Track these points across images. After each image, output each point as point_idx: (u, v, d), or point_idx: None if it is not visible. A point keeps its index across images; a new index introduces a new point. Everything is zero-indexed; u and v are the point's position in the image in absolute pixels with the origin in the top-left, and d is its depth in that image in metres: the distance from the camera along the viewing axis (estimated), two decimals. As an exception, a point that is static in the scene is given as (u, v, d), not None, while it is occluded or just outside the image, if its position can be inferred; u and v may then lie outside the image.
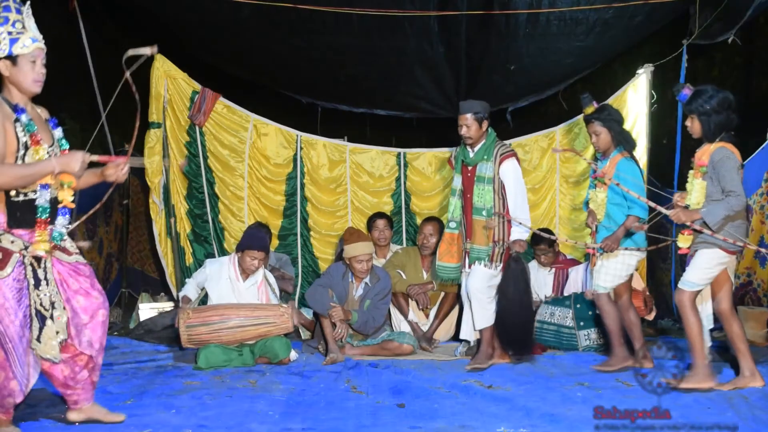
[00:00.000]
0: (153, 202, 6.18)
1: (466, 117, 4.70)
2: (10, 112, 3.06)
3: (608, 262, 4.55)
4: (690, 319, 4.00)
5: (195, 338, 4.76)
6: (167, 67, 6.08)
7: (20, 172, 3.00)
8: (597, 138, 4.57)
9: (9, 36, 3.05)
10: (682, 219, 3.96)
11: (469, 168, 4.79)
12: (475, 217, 4.74)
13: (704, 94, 3.98)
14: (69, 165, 3.09)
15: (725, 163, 3.87)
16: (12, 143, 3.03)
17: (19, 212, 3.06)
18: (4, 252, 3.02)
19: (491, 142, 4.75)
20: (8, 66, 3.07)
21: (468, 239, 4.81)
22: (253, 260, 5.04)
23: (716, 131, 3.96)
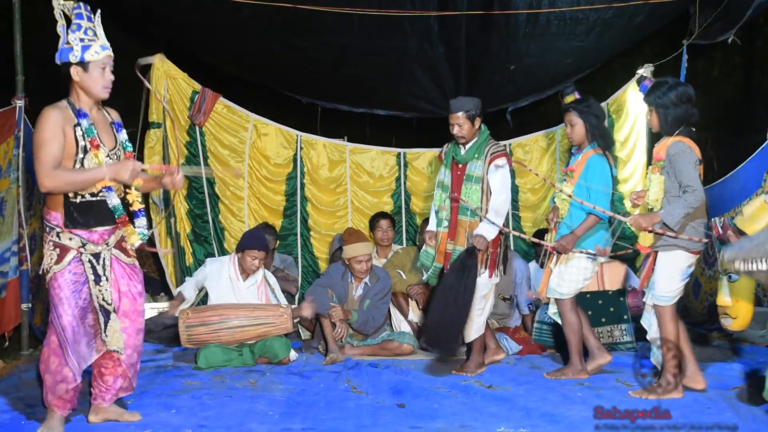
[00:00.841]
0: (153, 202, 6.18)
1: (457, 116, 4.51)
2: (72, 117, 3.21)
3: (564, 268, 4.37)
4: (670, 327, 3.86)
5: (194, 338, 4.76)
6: (167, 67, 6.08)
7: (72, 179, 3.17)
8: (572, 129, 4.38)
9: (81, 43, 3.21)
10: (642, 225, 3.86)
11: (459, 166, 4.61)
12: (460, 217, 4.54)
13: (662, 86, 3.88)
14: (119, 173, 3.22)
15: (681, 157, 3.75)
16: (70, 147, 3.17)
17: (76, 213, 3.23)
18: (62, 248, 3.21)
19: (483, 141, 4.57)
20: (79, 72, 3.22)
21: (451, 240, 4.59)
22: (254, 260, 5.04)
23: (673, 124, 3.85)
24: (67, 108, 3.23)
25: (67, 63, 3.21)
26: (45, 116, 3.16)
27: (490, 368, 4.63)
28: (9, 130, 4.85)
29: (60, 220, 3.22)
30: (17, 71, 4.83)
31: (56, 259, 3.20)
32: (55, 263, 3.20)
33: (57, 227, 3.22)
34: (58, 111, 3.19)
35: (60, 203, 3.22)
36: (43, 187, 3.13)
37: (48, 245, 3.23)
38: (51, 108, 3.20)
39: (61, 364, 3.21)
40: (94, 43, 3.23)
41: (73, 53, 3.19)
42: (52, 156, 3.11)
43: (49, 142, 3.11)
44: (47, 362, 3.23)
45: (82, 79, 3.23)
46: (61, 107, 3.22)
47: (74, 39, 3.21)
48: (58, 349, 3.20)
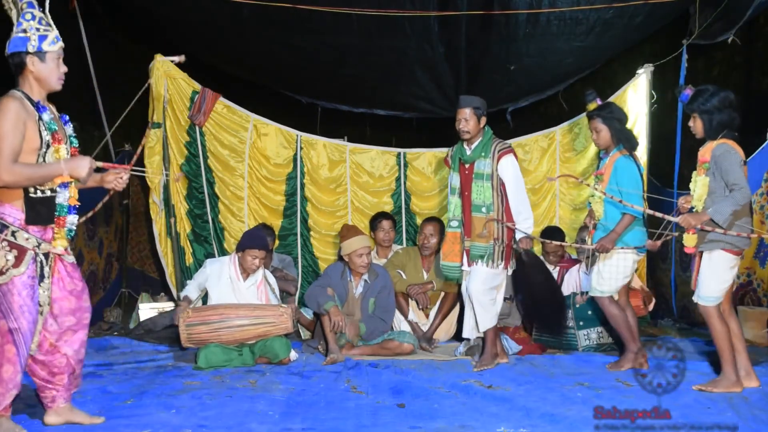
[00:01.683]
0: (153, 202, 6.18)
1: (465, 111, 4.71)
2: (33, 111, 3.11)
3: (604, 266, 4.53)
4: (717, 327, 3.97)
5: (195, 337, 4.76)
6: (167, 67, 6.08)
7: (31, 174, 3.06)
8: (597, 135, 4.59)
9: (37, 32, 3.11)
10: (691, 224, 3.94)
11: (467, 166, 4.78)
12: (474, 214, 4.73)
13: (705, 93, 3.99)
14: (76, 170, 3.15)
15: (727, 157, 3.87)
16: (34, 141, 3.09)
17: (38, 208, 3.12)
18: (20, 249, 3.08)
19: (488, 140, 4.75)
20: (36, 62, 3.13)
21: (468, 237, 4.79)
22: (254, 259, 5.04)
23: (718, 129, 3.97)
24: (24, 99, 3.09)
25: (22, 53, 3.09)
26: (4, 106, 3.02)
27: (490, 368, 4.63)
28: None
29: (19, 216, 3.08)
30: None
31: (14, 261, 3.05)
32: (13, 266, 3.04)
33: (13, 225, 3.06)
34: (17, 103, 3.05)
35: (18, 197, 3.08)
36: (1, 182, 2.98)
37: (1, 245, 3.04)
38: (9, 99, 3.06)
39: (16, 372, 3.09)
40: (50, 33, 3.15)
41: (30, 42, 3.10)
42: (12, 149, 2.99)
43: (10, 134, 2.98)
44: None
45: (38, 70, 3.12)
46: (19, 98, 3.08)
47: (30, 27, 3.10)
48: (14, 357, 3.07)
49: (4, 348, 3.08)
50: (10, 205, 3.09)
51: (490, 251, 4.69)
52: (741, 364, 4.01)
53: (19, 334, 3.08)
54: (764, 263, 5.65)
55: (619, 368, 4.56)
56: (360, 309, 5.28)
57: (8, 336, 3.07)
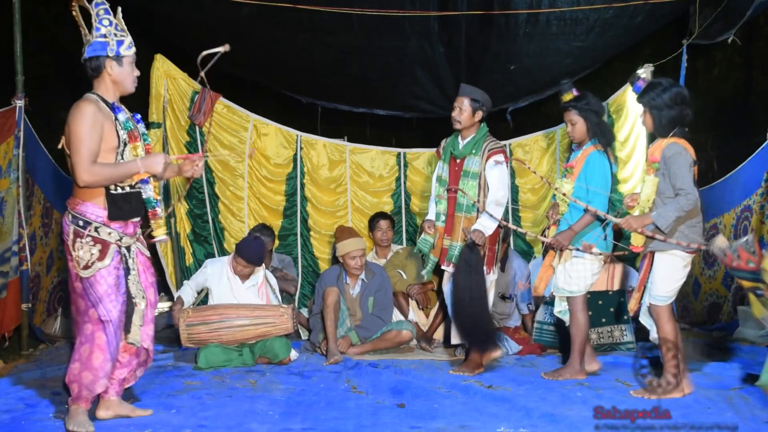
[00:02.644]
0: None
1: (462, 99, 4.62)
2: (109, 112, 3.23)
3: (570, 266, 4.34)
4: (667, 328, 3.86)
5: (194, 337, 4.76)
6: (167, 67, 6.08)
7: (110, 173, 3.19)
8: (572, 127, 4.38)
9: (116, 37, 3.24)
10: (633, 226, 3.85)
11: (457, 161, 4.65)
12: (456, 213, 4.60)
13: (657, 88, 3.86)
14: (152, 167, 3.28)
15: (677, 159, 3.74)
16: (111, 141, 3.21)
17: (120, 204, 3.25)
18: (103, 243, 3.23)
19: (482, 137, 4.62)
20: (114, 66, 3.26)
21: (447, 235, 4.65)
22: (238, 265, 5.05)
23: (668, 126, 3.84)
24: (99, 102, 3.23)
25: (102, 56, 3.22)
26: (81, 110, 3.15)
27: (490, 368, 4.62)
28: (9, 130, 4.86)
29: (101, 214, 3.22)
30: (17, 71, 4.83)
31: (98, 255, 3.20)
32: (98, 259, 3.20)
33: (95, 222, 3.21)
34: (93, 105, 3.18)
35: (99, 195, 3.22)
36: (82, 182, 3.13)
37: (84, 240, 3.19)
38: (85, 102, 3.19)
39: (106, 360, 3.24)
40: (126, 38, 3.29)
41: (110, 47, 3.22)
42: (91, 150, 3.12)
43: (88, 136, 3.12)
44: (89, 359, 3.22)
45: (116, 73, 3.27)
46: (94, 101, 3.21)
47: (109, 33, 3.23)
48: (104, 344, 3.22)
49: (95, 335, 3.23)
50: (92, 203, 3.22)
51: None
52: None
53: (109, 323, 3.22)
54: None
55: (557, 377, 4.35)
56: (360, 308, 5.28)
57: (99, 324, 3.22)
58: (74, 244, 3.21)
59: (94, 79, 3.28)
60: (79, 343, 3.26)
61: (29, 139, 4.95)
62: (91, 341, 3.22)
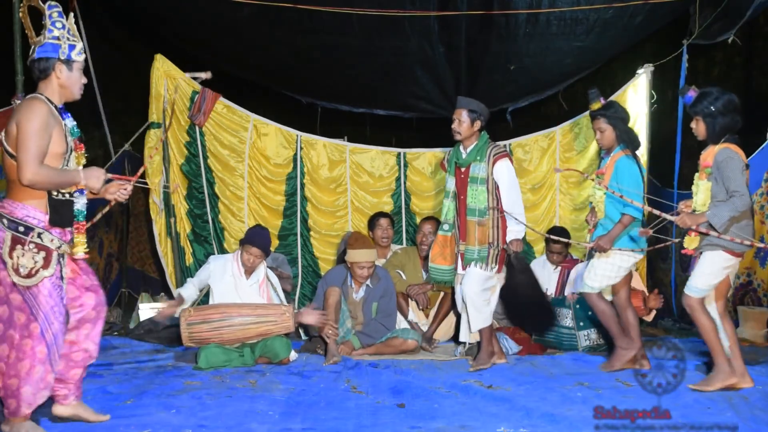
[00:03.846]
0: (153, 202, 6.18)
1: (460, 112, 4.71)
2: (58, 116, 3.17)
3: (598, 262, 4.50)
4: (702, 321, 3.97)
5: (196, 335, 4.75)
6: (167, 67, 6.08)
7: (54, 178, 3.10)
8: (601, 135, 4.56)
9: (68, 41, 3.17)
10: (687, 223, 3.95)
11: (462, 169, 4.78)
12: (468, 218, 4.71)
13: (709, 96, 3.97)
14: (91, 180, 3.21)
15: (729, 163, 3.86)
16: (60, 146, 3.13)
17: (61, 211, 3.17)
18: (47, 251, 3.11)
19: (484, 144, 4.73)
20: (63, 70, 3.18)
21: (462, 241, 4.78)
22: (249, 256, 5.04)
23: (720, 133, 3.96)
24: (48, 104, 3.12)
25: (52, 59, 3.14)
26: (35, 108, 3.05)
27: (490, 368, 4.63)
28: (9, 130, 4.84)
29: (42, 218, 3.10)
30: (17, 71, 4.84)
31: (42, 262, 3.07)
32: (42, 267, 3.07)
33: (38, 227, 3.09)
34: (47, 107, 3.09)
35: (42, 198, 3.10)
36: (26, 180, 2.99)
37: (27, 247, 3.05)
38: (38, 101, 3.09)
39: (47, 372, 3.12)
40: (77, 44, 3.21)
41: (62, 50, 3.14)
42: (41, 150, 3.02)
43: (39, 134, 3.01)
44: (29, 374, 3.06)
45: (65, 78, 3.17)
46: (45, 102, 3.11)
47: (62, 36, 3.15)
48: (45, 357, 3.09)
49: (35, 350, 3.07)
50: (33, 206, 3.10)
51: (484, 255, 4.67)
52: (735, 366, 3.98)
53: (50, 335, 3.10)
54: (764, 263, 5.65)
55: (611, 368, 4.50)
56: (362, 312, 5.26)
57: (40, 338, 3.08)
58: (11, 252, 3.03)
59: (40, 80, 3.18)
60: (16, 359, 3.04)
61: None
62: (32, 356, 3.05)
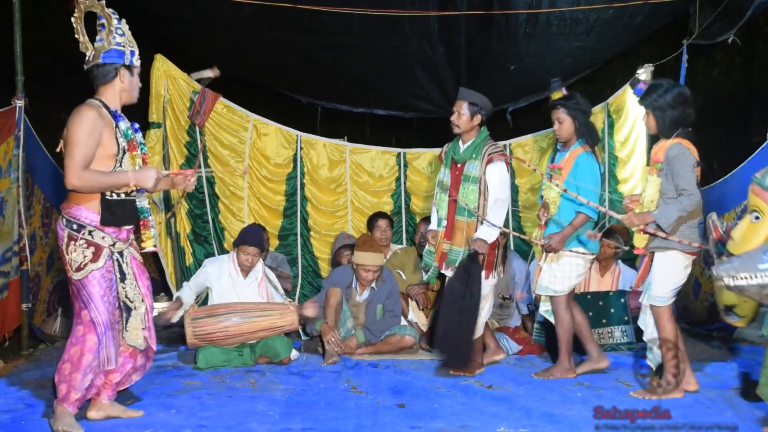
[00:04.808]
0: (153, 202, 6.18)
1: (461, 103, 4.57)
2: (110, 119, 3.27)
3: (556, 266, 4.35)
4: (668, 328, 3.87)
5: (201, 331, 4.70)
6: (167, 67, 6.08)
7: (99, 181, 3.21)
8: (560, 126, 4.37)
9: (130, 47, 3.33)
10: (634, 223, 3.86)
11: (458, 165, 4.61)
12: (457, 217, 4.54)
13: (659, 89, 3.87)
14: (143, 181, 3.31)
15: (680, 160, 3.75)
16: (111, 148, 3.24)
17: (114, 210, 3.27)
18: (96, 246, 3.25)
19: (482, 141, 4.57)
20: (126, 75, 3.33)
21: (447, 240, 4.60)
22: (247, 256, 5.04)
23: (671, 126, 3.85)
24: (101, 108, 3.26)
25: (117, 64, 3.29)
26: (82, 114, 3.18)
27: (490, 368, 4.63)
28: (9, 130, 4.85)
29: (95, 218, 3.24)
30: (17, 71, 4.83)
31: (92, 257, 3.23)
32: (91, 261, 3.23)
33: (90, 225, 3.23)
34: (95, 111, 3.21)
35: (95, 199, 3.24)
36: (70, 185, 3.16)
37: (78, 243, 3.22)
38: (87, 107, 3.22)
39: (95, 360, 3.24)
40: (136, 50, 3.37)
41: (126, 56, 3.30)
42: (85, 155, 3.15)
43: (85, 140, 3.14)
44: (79, 360, 3.22)
45: (128, 82, 3.34)
46: (96, 107, 3.24)
47: (124, 42, 3.31)
48: (95, 346, 3.23)
49: (86, 337, 3.24)
50: (86, 207, 3.24)
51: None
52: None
53: (100, 325, 3.23)
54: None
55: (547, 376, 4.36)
56: (365, 314, 5.26)
57: (90, 326, 3.23)
58: (68, 248, 3.23)
59: (102, 85, 3.32)
60: (69, 344, 3.27)
61: (29, 139, 4.94)
62: (82, 343, 3.23)
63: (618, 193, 6.55)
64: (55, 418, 3.25)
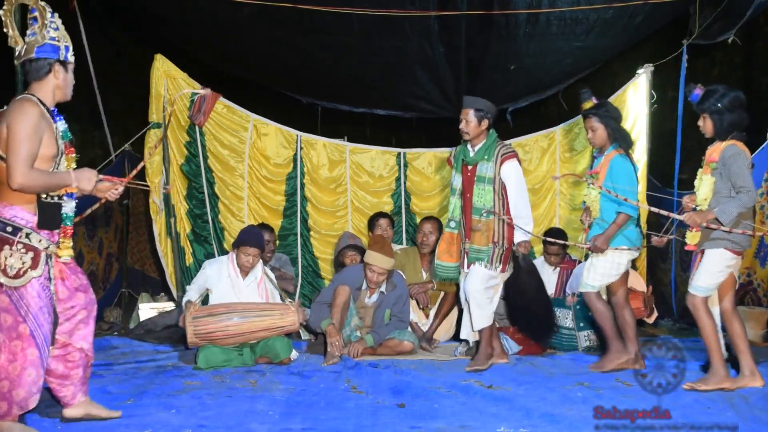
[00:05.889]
0: (153, 202, 6.18)
1: (467, 111, 4.68)
2: (50, 118, 3.15)
3: (597, 261, 4.53)
4: (704, 321, 4.00)
5: (201, 329, 4.69)
6: (167, 67, 6.08)
7: (45, 181, 3.09)
8: (593, 134, 4.57)
9: (64, 42, 3.19)
10: (697, 221, 3.97)
11: (469, 167, 4.75)
12: (474, 217, 4.70)
13: (716, 93, 4.00)
14: (83, 182, 3.20)
15: (736, 159, 3.89)
16: (51, 149, 3.12)
17: (49, 213, 3.15)
18: (35, 251, 3.11)
19: (492, 142, 4.71)
20: (60, 71, 3.19)
21: (467, 239, 4.77)
22: (247, 257, 5.04)
23: (728, 129, 3.99)
24: (40, 106, 3.10)
25: (51, 59, 3.14)
26: (26, 111, 3.03)
27: (490, 368, 4.63)
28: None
29: (31, 219, 3.10)
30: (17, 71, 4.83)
31: (30, 263, 3.07)
32: (31, 268, 3.07)
33: (26, 227, 3.08)
34: (38, 109, 3.07)
35: (31, 201, 3.10)
36: (16, 185, 2.98)
37: (15, 247, 3.05)
38: (30, 103, 3.07)
39: (39, 375, 3.11)
40: (70, 45, 3.23)
41: (60, 51, 3.16)
42: (31, 153, 3.01)
43: (31, 137, 3.00)
44: (20, 376, 3.05)
45: (62, 79, 3.19)
46: (37, 104, 3.09)
47: (58, 37, 3.17)
48: (37, 359, 3.08)
49: (26, 352, 3.07)
50: (21, 207, 3.09)
51: (489, 254, 4.66)
52: (744, 364, 4.02)
53: (41, 336, 3.09)
54: (764, 263, 5.65)
55: (601, 368, 4.50)
56: (373, 318, 5.25)
57: (30, 339, 3.07)
58: (0, 251, 3.03)
59: (34, 81, 3.16)
60: (6, 360, 3.03)
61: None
62: (22, 359, 3.05)
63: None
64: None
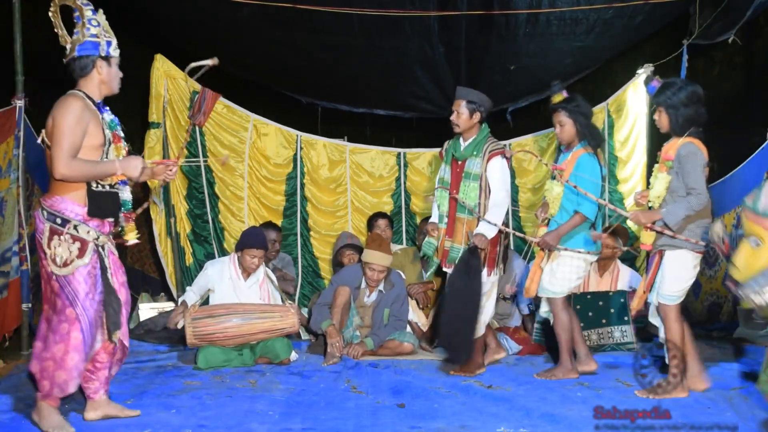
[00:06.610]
0: (153, 202, 6.18)
1: (459, 102, 4.56)
2: (96, 110, 3.27)
3: (557, 267, 4.35)
4: (675, 328, 3.87)
5: (200, 331, 4.69)
6: (167, 67, 6.08)
7: (88, 170, 3.20)
8: (561, 129, 4.36)
9: (105, 37, 3.29)
10: (641, 221, 3.87)
11: (459, 163, 4.61)
12: (458, 214, 4.54)
13: (673, 86, 3.86)
14: (129, 170, 3.32)
15: (691, 159, 3.76)
16: (97, 139, 3.23)
17: (99, 202, 3.26)
18: (82, 242, 3.21)
19: (483, 138, 4.57)
20: (104, 66, 3.31)
21: (448, 237, 4.60)
22: (253, 258, 5.03)
23: (684, 125, 3.85)
24: (86, 99, 3.24)
25: (93, 56, 3.26)
26: (68, 104, 3.17)
27: (490, 368, 4.63)
28: (9, 130, 4.85)
29: (80, 211, 3.21)
30: (17, 71, 4.83)
31: (78, 252, 3.19)
32: (77, 257, 3.19)
33: (75, 219, 3.19)
34: (81, 101, 3.20)
35: (80, 190, 3.21)
36: (59, 174, 3.12)
37: (63, 238, 3.17)
38: (74, 97, 3.21)
39: (81, 360, 3.20)
40: (113, 40, 3.34)
41: (101, 47, 3.27)
42: (73, 144, 3.13)
43: (73, 129, 3.13)
44: (63, 359, 3.16)
45: (105, 74, 3.31)
46: (81, 97, 3.23)
47: (99, 33, 3.27)
48: (80, 344, 3.18)
49: (70, 335, 3.18)
50: (71, 199, 3.21)
51: None
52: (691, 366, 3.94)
53: (86, 322, 3.19)
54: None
55: (549, 376, 4.35)
56: (372, 317, 5.25)
57: (75, 323, 3.18)
58: (50, 242, 3.17)
59: (80, 78, 3.30)
60: (52, 341, 3.18)
61: (29, 139, 4.94)
62: (66, 341, 3.17)
63: (618, 194, 6.55)
64: (40, 416, 3.21)
